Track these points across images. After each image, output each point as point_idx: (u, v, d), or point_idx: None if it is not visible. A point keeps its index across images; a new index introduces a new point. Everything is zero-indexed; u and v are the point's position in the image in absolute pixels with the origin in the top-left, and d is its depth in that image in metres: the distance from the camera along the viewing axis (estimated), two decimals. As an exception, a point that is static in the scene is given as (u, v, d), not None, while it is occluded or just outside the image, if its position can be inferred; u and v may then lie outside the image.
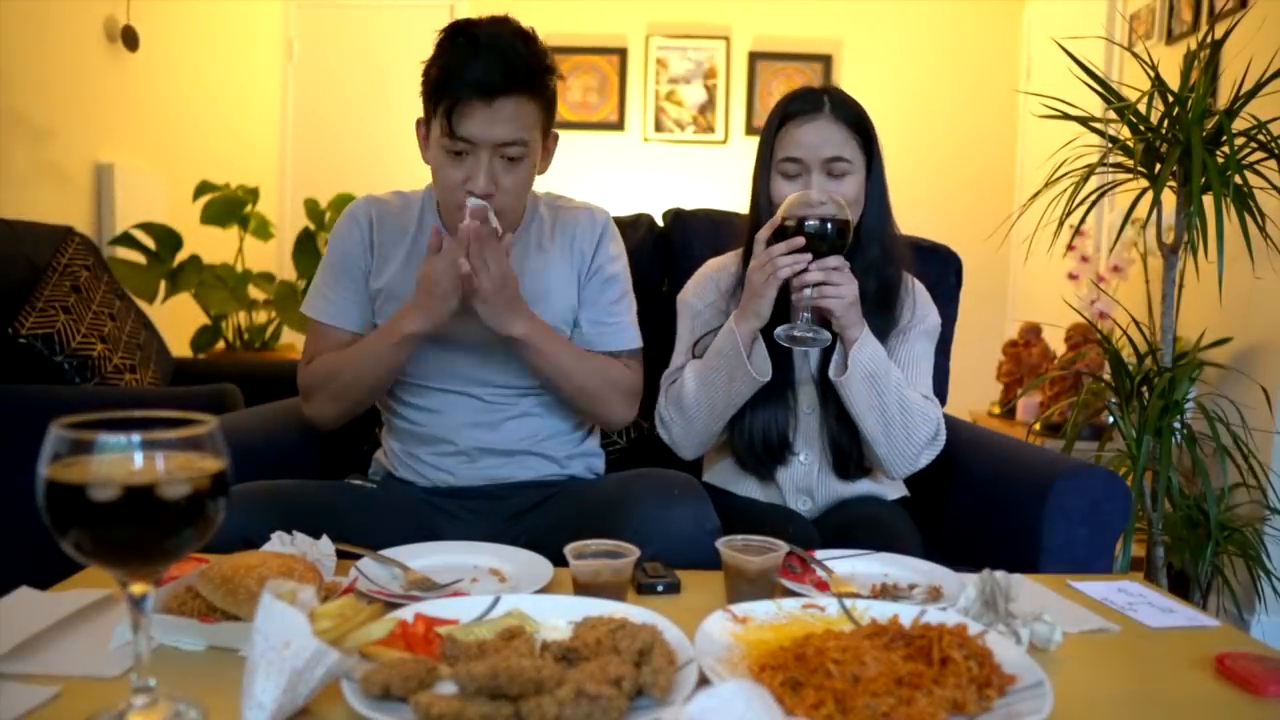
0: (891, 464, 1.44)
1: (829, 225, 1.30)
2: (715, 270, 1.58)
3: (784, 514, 1.45)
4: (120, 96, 3.25)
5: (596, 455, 1.58)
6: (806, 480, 1.52)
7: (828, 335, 1.33)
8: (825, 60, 4.44)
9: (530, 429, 1.46)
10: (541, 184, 1.48)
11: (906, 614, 0.88)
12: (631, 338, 1.51)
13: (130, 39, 3.22)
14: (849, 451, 1.49)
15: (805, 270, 1.30)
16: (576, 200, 1.54)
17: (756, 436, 1.48)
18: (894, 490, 1.57)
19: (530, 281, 1.42)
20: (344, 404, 1.42)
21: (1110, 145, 2.25)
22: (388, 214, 1.46)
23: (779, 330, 1.33)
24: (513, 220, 1.40)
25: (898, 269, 1.52)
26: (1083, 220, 2.36)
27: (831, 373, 1.39)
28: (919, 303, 1.54)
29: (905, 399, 1.41)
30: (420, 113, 1.37)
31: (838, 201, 1.32)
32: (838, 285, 1.32)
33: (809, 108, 1.43)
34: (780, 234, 1.32)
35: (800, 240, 1.30)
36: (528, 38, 1.31)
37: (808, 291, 1.32)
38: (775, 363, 1.43)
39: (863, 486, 1.54)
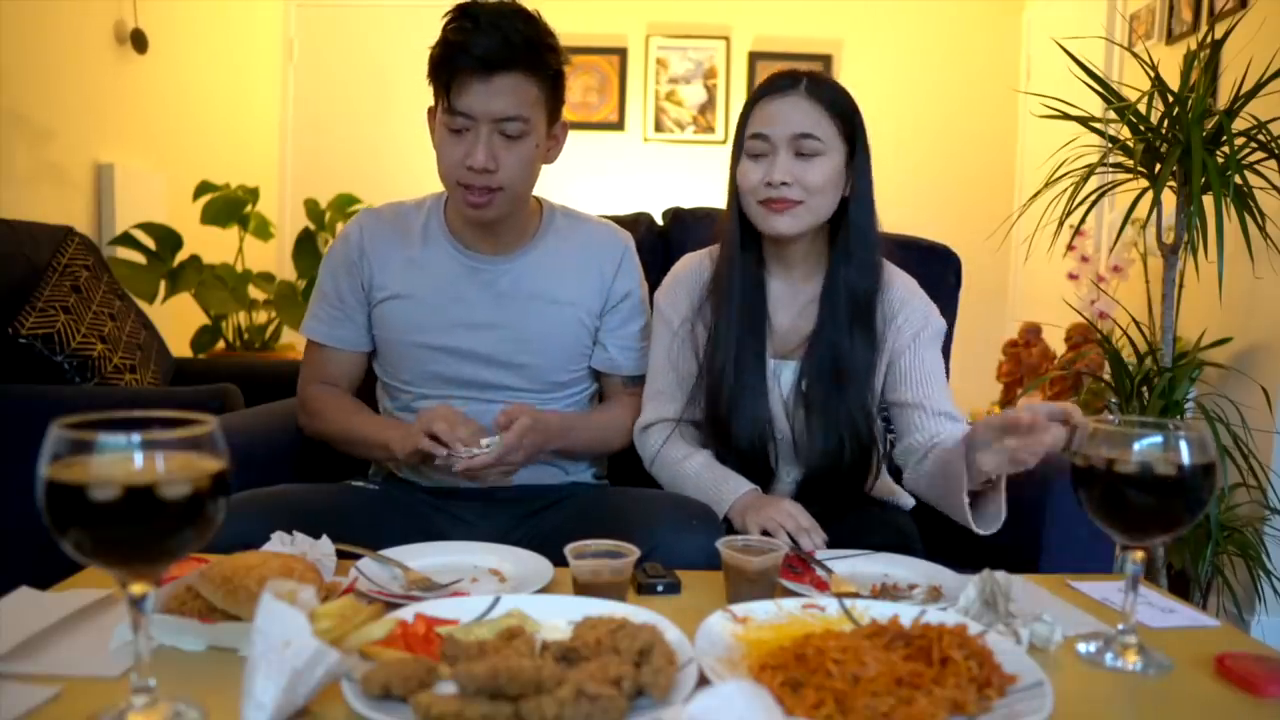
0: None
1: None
2: (686, 272, 1.47)
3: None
4: (123, 98, 3.25)
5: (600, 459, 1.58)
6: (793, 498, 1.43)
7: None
8: (825, 60, 4.43)
9: None
10: (550, 191, 1.47)
11: (906, 614, 0.88)
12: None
13: (140, 42, 3.23)
14: (828, 480, 1.41)
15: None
16: (595, 217, 1.54)
17: (744, 457, 1.40)
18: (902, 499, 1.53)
19: (543, 293, 1.43)
20: (324, 441, 1.49)
21: (1110, 145, 2.25)
22: (381, 223, 1.47)
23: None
24: (516, 204, 1.39)
25: (878, 270, 1.41)
26: (1083, 220, 2.36)
27: (983, 528, 1.21)
28: (911, 306, 1.43)
29: None
30: (428, 103, 1.38)
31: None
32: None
33: (783, 85, 1.34)
34: (1093, 476, 0.89)
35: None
36: (529, 17, 1.32)
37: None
38: (749, 381, 1.39)
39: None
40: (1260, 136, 2.10)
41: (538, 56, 1.30)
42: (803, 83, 1.34)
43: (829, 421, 1.37)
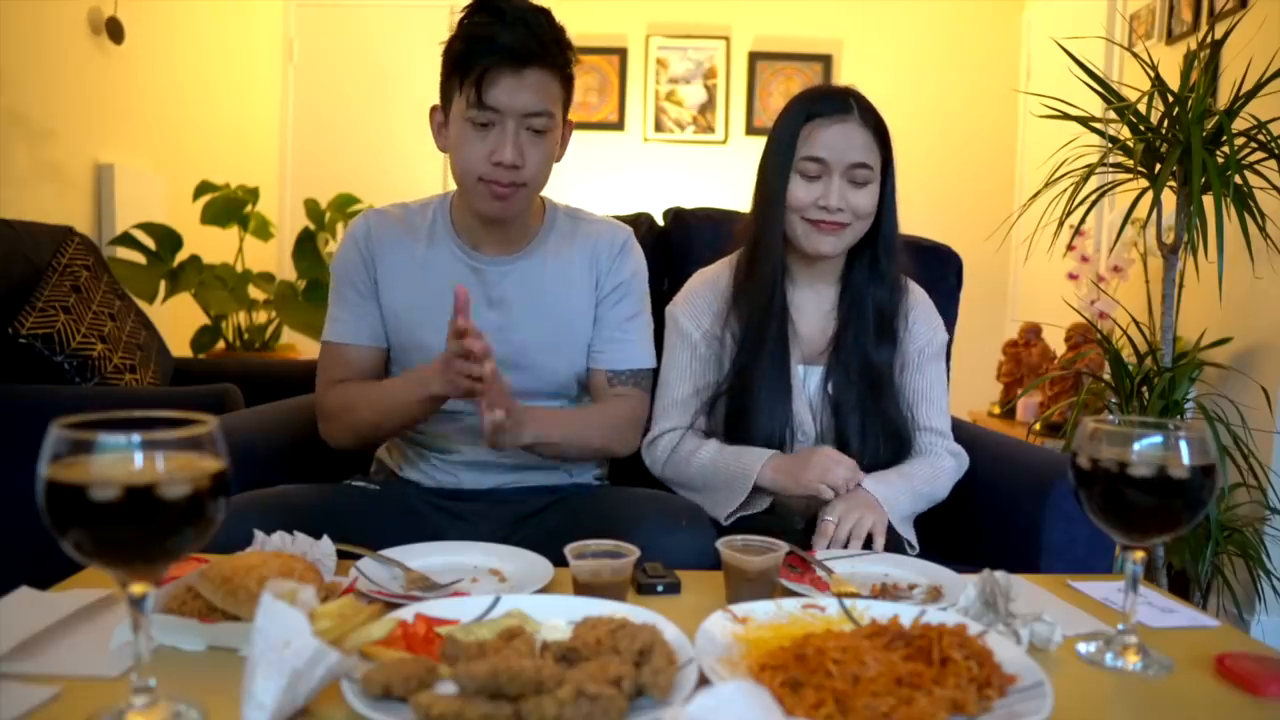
0: None
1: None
2: (705, 286, 1.51)
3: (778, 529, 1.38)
4: (114, 92, 3.22)
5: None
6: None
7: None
8: (825, 60, 4.44)
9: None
10: (550, 191, 1.47)
11: (906, 614, 0.88)
12: (641, 357, 1.48)
13: (115, 31, 3.14)
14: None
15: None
16: (599, 215, 1.53)
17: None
18: None
19: (546, 292, 1.42)
20: (359, 438, 1.43)
21: (1110, 145, 2.25)
22: (386, 225, 1.44)
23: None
24: (532, 204, 1.39)
25: (900, 279, 1.50)
26: (1083, 220, 2.36)
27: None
28: (924, 319, 1.51)
29: (935, 492, 1.43)
30: (428, 103, 1.37)
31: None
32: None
33: (836, 109, 1.38)
34: (1093, 477, 0.87)
35: None
36: (549, 14, 1.32)
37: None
38: (776, 386, 1.42)
39: None
40: (1260, 136, 2.10)
41: (561, 53, 1.32)
42: (854, 109, 1.39)
43: (867, 421, 1.43)
